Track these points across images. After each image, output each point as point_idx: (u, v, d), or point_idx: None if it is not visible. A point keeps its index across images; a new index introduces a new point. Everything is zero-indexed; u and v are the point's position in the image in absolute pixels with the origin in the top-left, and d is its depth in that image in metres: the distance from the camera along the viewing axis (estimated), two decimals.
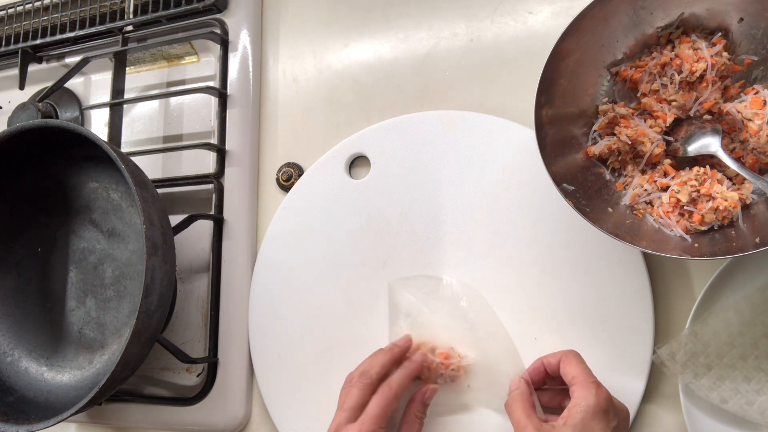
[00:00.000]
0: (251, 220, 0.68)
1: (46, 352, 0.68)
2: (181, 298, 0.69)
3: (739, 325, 0.49)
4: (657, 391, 0.53)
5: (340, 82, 0.68)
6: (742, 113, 0.50)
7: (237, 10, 0.72)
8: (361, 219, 0.62)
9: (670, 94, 0.52)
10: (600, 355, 0.53)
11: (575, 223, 0.53)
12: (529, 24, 0.62)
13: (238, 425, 0.64)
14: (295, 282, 0.64)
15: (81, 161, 0.68)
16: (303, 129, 0.69)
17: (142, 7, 0.74)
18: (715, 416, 0.50)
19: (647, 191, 0.52)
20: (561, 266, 0.55)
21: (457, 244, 0.59)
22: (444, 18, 0.65)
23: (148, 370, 0.68)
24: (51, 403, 0.64)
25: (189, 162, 0.71)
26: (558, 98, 0.52)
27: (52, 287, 0.69)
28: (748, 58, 0.51)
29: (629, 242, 0.46)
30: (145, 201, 0.55)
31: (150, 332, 0.57)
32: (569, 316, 0.54)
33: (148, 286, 0.54)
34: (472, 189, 0.59)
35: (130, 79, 0.75)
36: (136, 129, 0.75)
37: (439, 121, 0.61)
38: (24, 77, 0.79)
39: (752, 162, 0.51)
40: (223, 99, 0.70)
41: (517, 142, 0.58)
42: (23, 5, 0.81)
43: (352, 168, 0.65)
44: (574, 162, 0.54)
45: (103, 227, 0.68)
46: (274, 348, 0.63)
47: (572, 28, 0.49)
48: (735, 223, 0.49)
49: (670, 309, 0.54)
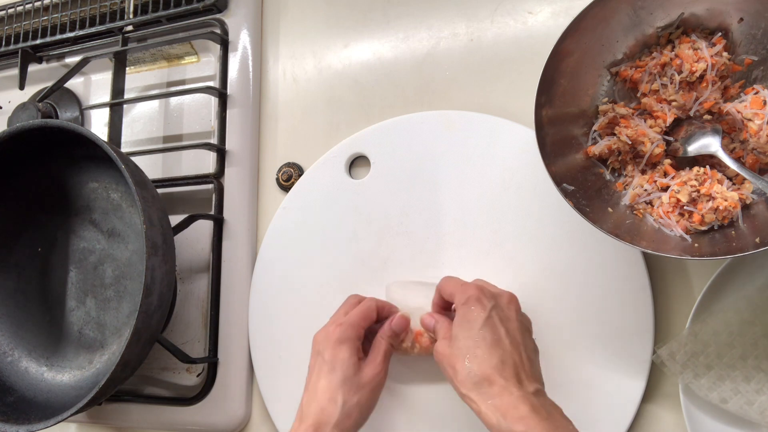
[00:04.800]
0: (251, 220, 0.68)
1: (46, 352, 0.68)
2: (181, 298, 0.69)
3: (739, 325, 0.49)
4: (657, 391, 0.53)
5: (340, 82, 0.68)
6: (742, 113, 0.50)
7: (237, 10, 0.72)
8: (361, 219, 0.62)
9: (670, 94, 0.52)
10: (600, 355, 0.53)
11: (575, 223, 0.53)
12: (529, 24, 0.62)
13: (238, 425, 0.64)
14: (295, 282, 0.64)
15: (81, 161, 0.68)
16: (303, 129, 0.69)
17: (142, 7, 0.74)
18: (715, 416, 0.50)
19: (647, 191, 0.52)
20: (561, 266, 0.55)
21: (457, 244, 0.59)
22: (444, 18, 0.65)
23: (148, 370, 0.68)
24: (51, 403, 0.64)
25: (189, 162, 0.71)
26: (558, 98, 0.52)
27: (52, 287, 0.69)
28: (748, 58, 0.51)
29: (629, 242, 0.46)
30: (145, 201, 0.55)
31: (150, 332, 0.57)
32: (569, 316, 0.54)
33: (148, 286, 0.54)
34: (472, 189, 0.59)
35: (130, 79, 0.75)
36: (136, 129, 0.75)
37: (439, 121, 0.61)
38: (24, 77, 0.79)
39: (752, 162, 0.51)
40: (223, 99, 0.70)
41: (517, 142, 0.58)
42: (23, 5, 0.81)
43: (352, 168, 0.65)
44: (574, 162, 0.54)
45: (103, 227, 0.68)
46: (274, 348, 0.63)
47: (572, 28, 0.49)
48: (735, 223, 0.49)
49: (670, 309, 0.54)
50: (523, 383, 0.44)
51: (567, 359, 0.54)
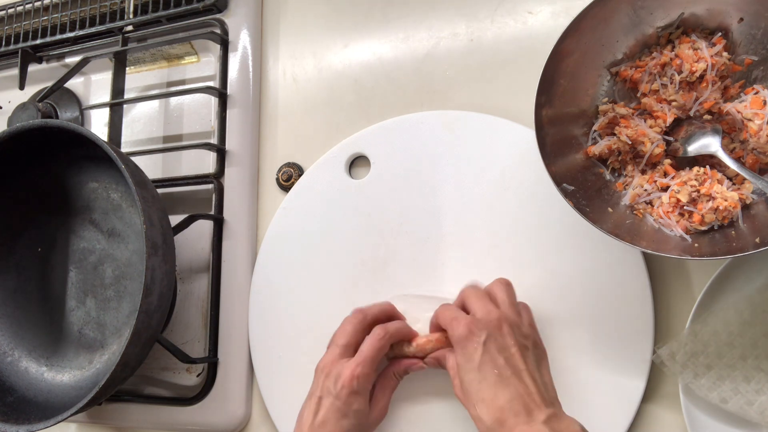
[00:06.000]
0: (251, 220, 0.68)
1: (46, 352, 0.68)
2: (181, 298, 0.69)
3: (739, 325, 0.49)
4: (657, 391, 0.53)
5: (340, 82, 0.68)
6: (742, 113, 0.50)
7: (237, 10, 0.72)
8: (361, 219, 0.62)
9: (670, 94, 0.52)
10: (600, 355, 0.53)
11: (575, 223, 0.53)
12: (529, 24, 0.62)
13: (238, 425, 0.64)
14: (295, 282, 0.64)
15: (81, 161, 0.68)
16: (303, 129, 0.69)
17: (142, 7, 0.74)
18: (715, 416, 0.50)
19: (647, 191, 0.52)
20: (561, 266, 0.55)
21: (457, 244, 0.59)
22: (444, 18, 0.65)
23: (148, 370, 0.68)
24: (51, 403, 0.64)
25: (189, 162, 0.71)
26: (558, 98, 0.52)
27: (52, 287, 0.69)
28: (748, 58, 0.51)
29: (629, 242, 0.46)
30: (145, 201, 0.55)
31: (150, 332, 0.57)
32: (569, 316, 0.54)
33: (148, 286, 0.54)
34: (472, 189, 0.59)
35: (130, 79, 0.75)
36: (136, 129, 0.75)
37: (439, 121, 0.61)
38: (24, 77, 0.79)
39: (752, 162, 0.51)
40: (223, 99, 0.70)
41: (517, 142, 0.58)
42: (23, 5, 0.81)
43: (352, 168, 0.65)
44: (574, 162, 0.54)
45: (103, 227, 0.68)
46: (274, 348, 0.63)
47: (572, 28, 0.49)
48: (735, 223, 0.49)
49: (670, 309, 0.54)
50: (533, 414, 0.45)
51: (567, 359, 0.54)
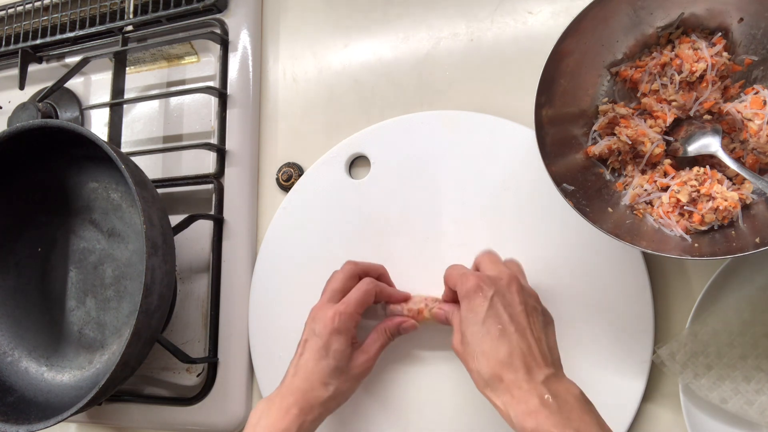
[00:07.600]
0: (251, 220, 0.68)
1: (46, 352, 0.68)
2: (181, 298, 0.69)
3: (739, 325, 0.49)
4: (657, 391, 0.53)
5: (340, 82, 0.68)
6: (742, 113, 0.50)
7: (237, 10, 0.72)
8: (361, 219, 0.62)
9: (670, 94, 0.52)
10: (600, 355, 0.53)
11: (575, 223, 0.53)
12: (529, 24, 0.62)
13: (238, 425, 0.64)
14: (295, 282, 0.63)
15: (81, 161, 0.68)
16: (303, 129, 0.69)
17: (142, 7, 0.74)
18: (715, 416, 0.50)
19: (647, 191, 0.52)
20: (561, 266, 0.55)
21: (457, 244, 0.59)
22: (444, 18, 0.65)
23: (148, 370, 0.68)
24: (51, 403, 0.64)
25: (189, 162, 0.71)
26: (558, 98, 0.52)
27: (52, 287, 0.69)
28: (748, 58, 0.51)
29: (629, 242, 0.46)
30: (145, 201, 0.55)
31: (150, 332, 0.57)
32: (569, 316, 0.54)
33: (148, 286, 0.54)
34: (472, 189, 0.59)
35: (130, 79, 0.75)
36: (136, 129, 0.75)
37: (439, 121, 0.61)
38: (24, 77, 0.79)
39: (752, 162, 0.51)
40: (223, 99, 0.70)
41: (517, 142, 0.58)
42: (23, 5, 0.81)
43: (352, 168, 0.65)
44: (574, 162, 0.54)
45: (103, 227, 0.68)
46: (274, 348, 0.63)
47: (572, 29, 0.49)
48: (735, 223, 0.49)
49: (670, 309, 0.54)
50: (533, 372, 0.44)
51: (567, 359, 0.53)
